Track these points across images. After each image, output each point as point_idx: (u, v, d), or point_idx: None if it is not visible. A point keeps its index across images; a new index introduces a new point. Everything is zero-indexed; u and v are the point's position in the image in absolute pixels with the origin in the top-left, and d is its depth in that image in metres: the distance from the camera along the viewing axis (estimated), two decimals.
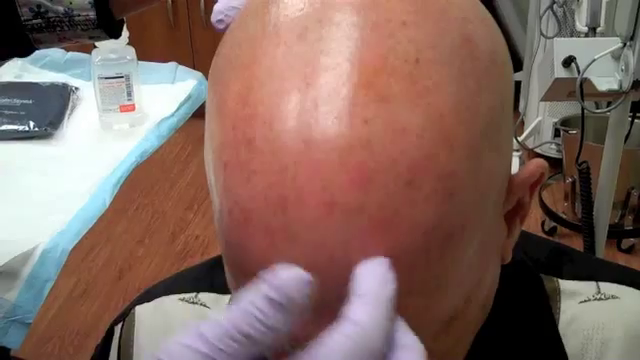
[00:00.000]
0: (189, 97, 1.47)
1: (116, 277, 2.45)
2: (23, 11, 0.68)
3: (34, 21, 0.69)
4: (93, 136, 1.37)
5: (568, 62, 1.23)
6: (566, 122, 2.51)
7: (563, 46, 1.25)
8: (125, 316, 0.69)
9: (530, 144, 2.75)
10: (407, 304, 0.40)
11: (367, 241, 0.37)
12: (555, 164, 2.62)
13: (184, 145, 3.08)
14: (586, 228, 1.37)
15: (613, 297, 0.58)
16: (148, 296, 0.69)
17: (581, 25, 2.16)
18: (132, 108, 1.38)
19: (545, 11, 2.50)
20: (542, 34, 2.54)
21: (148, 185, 2.86)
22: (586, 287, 0.59)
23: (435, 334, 0.44)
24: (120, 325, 0.69)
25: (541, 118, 2.76)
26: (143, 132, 1.32)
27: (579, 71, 1.22)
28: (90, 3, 0.68)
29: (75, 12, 0.68)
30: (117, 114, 1.38)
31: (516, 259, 0.53)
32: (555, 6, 2.45)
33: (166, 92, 1.51)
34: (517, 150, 2.70)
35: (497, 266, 0.50)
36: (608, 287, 0.59)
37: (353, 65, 0.38)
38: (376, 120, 0.37)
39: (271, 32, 0.41)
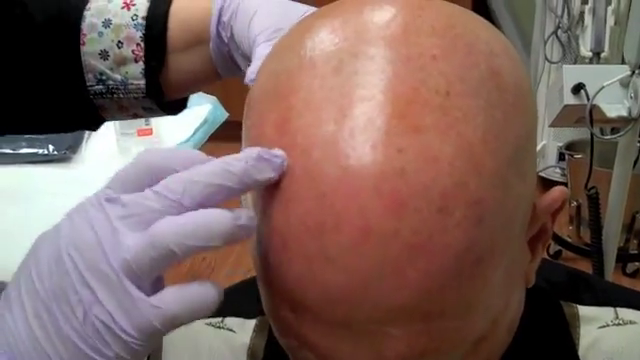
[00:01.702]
0: (205, 121, 1.49)
1: None
2: (88, 77, 0.72)
3: (96, 87, 0.73)
4: (111, 160, 1.40)
5: (577, 89, 1.25)
6: (570, 146, 2.53)
7: (572, 73, 1.28)
8: None
9: None
10: (439, 326, 0.42)
11: (401, 265, 0.39)
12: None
13: None
14: (595, 253, 1.39)
15: (631, 322, 0.60)
16: None
17: (585, 50, 2.20)
18: (149, 132, 1.41)
19: (549, 36, 2.54)
20: (547, 59, 2.58)
21: None
22: (604, 313, 0.61)
23: (464, 355, 0.45)
24: None
25: (546, 142, 2.79)
26: None
27: (588, 98, 1.24)
28: (141, 73, 0.72)
29: (129, 80, 0.72)
30: (134, 138, 1.41)
31: (537, 286, 0.55)
32: (559, 31, 2.49)
33: (182, 116, 1.52)
34: None
35: (522, 289, 0.51)
36: (626, 313, 0.60)
37: (387, 97, 0.40)
38: (409, 149, 0.39)
39: (307, 65, 0.43)
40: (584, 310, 0.61)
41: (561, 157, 2.72)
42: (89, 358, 0.40)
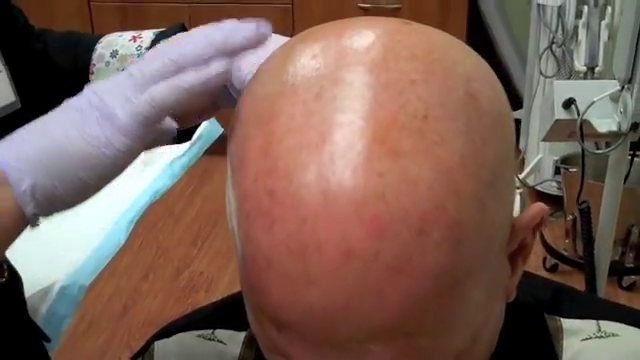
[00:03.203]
0: (200, 137, 1.50)
1: (121, 312, 2.46)
2: None
3: None
4: None
5: (568, 104, 1.27)
6: (566, 160, 2.54)
7: (563, 88, 1.29)
8: (145, 351, 0.72)
9: (531, 182, 2.78)
10: (420, 344, 0.43)
11: (382, 287, 0.40)
12: (556, 201, 2.65)
13: (188, 181, 3.10)
14: (587, 266, 1.40)
15: (613, 335, 0.61)
16: (167, 332, 0.71)
17: (580, 65, 2.21)
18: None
19: (544, 51, 2.55)
20: (541, 73, 2.59)
21: (152, 221, 2.88)
22: (587, 325, 0.61)
23: None
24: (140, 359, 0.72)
25: (542, 156, 2.80)
26: (156, 171, 1.36)
27: (579, 113, 1.26)
28: None
29: None
30: None
31: (521, 300, 0.56)
32: (554, 46, 2.51)
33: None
34: (518, 188, 2.73)
35: (502, 304, 0.52)
36: (608, 325, 0.61)
37: (367, 122, 0.41)
38: (389, 173, 0.40)
39: (289, 91, 0.44)
40: (567, 323, 0.62)
41: (557, 171, 2.73)
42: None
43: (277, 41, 0.61)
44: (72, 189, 0.55)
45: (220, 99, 0.73)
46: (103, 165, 0.54)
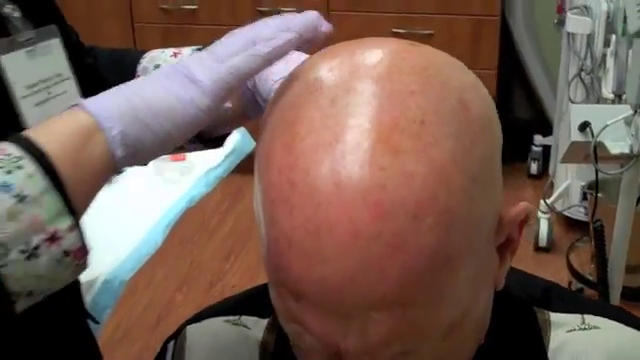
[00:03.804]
0: (234, 150, 1.59)
1: (154, 323, 2.52)
2: None
3: None
4: (147, 182, 1.50)
5: (583, 127, 1.33)
6: (593, 185, 2.56)
7: (579, 111, 1.35)
8: (178, 334, 0.79)
9: (559, 207, 2.82)
10: (415, 314, 0.50)
11: (383, 262, 0.48)
12: (583, 227, 2.67)
13: (222, 198, 3.19)
14: (600, 284, 1.44)
15: (595, 327, 0.67)
16: (198, 317, 0.79)
17: (607, 92, 2.26)
18: (182, 158, 1.51)
19: (573, 78, 2.60)
20: (570, 100, 2.64)
21: (188, 235, 2.95)
22: (573, 319, 0.68)
23: (436, 341, 0.53)
24: (173, 342, 0.80)
25: (570, 181, 2.83)
26: (192, 180, 1.45)
27: (593, 135, 1.31)
28: None
29: None
30: (169, 163, 1.51)
31: (514, 294, 0.63)
32: (583, 73, 2.55)
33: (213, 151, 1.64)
34: (545, 213, 2.77)
35: (490, 290, 0.59)
36: (592, 319, 0.68)
37: (373, 125, 0.49)
38: (390, 168, 0.48)
39: (309, 98, 0.52)
40: (555, 316, 0.68)
41: (585, 196, 2.75)
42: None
43: (298, 57, 0.70)
44: (157, 139, 0.62)
45: (249, 109, 0.82)
46: (185, 122, 0.62)
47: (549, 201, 2.68)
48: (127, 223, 1.29)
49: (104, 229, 1.30)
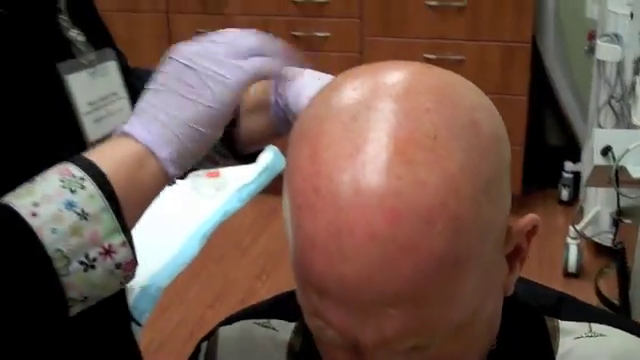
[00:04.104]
0: (266, 167, 1.65)
1: (187, 338, 2.54)
2: None
3: None
4: (184, 197, 1.56)
5: (606, 151, 1.36)
6: (622, 212, 2.57)
7: (601, 136, 1.38)
8: (210, 335, 0.85)
9: (588, 233, 2.82)
10: (427, 311, 0.55)
11: (397, 262, 0.53)
12: (612, 253, 2.68)
13: (255, 219, 3.23)
14: (621, 305, 1.46)
15: (601, 335, 0.71)
16: (229, 320, 0.84)
17: (637, 119, 2.28)
18: (217, 174, 1.58)
19: (603, 105, 2.62)
20: (600, 126, 2.65)
21: (220, 253, 3.00)
22: (580, 327, 0.72)
23: (447, 339, 0.58)
24: (206, 343, 0.85)
25: (599, 208, 2.83)
26: (226, 195, 1.51)
27: (615, 159, 1.34)
28: None
29: None
30: (204, 179, 1.58)
31: (526, 303, 0.68)
32: (613, 101, 2.57)
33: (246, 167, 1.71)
34: (575, 238, 2.78)
35: (500, 295, 0.64)
36: (599, 327, 0.72)
37: (390, 139, 0.54)
38: (405, 177, 0.53)
39: (333, 114, 0.58)
40: (563, 324, 0.72)
41: (614, 223, 2.75)
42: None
43: (327, 77, 0.76)
44: (197, 143, 0.73)
45: (281, 126, 0.87)
46: (216, 117, 0.73)
47: (579, 227, 2.69)
48: (165, 234, 1.35)
49: (144, 239, 1.37)
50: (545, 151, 3.45)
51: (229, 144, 0.91)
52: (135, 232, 0.72)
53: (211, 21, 3.33)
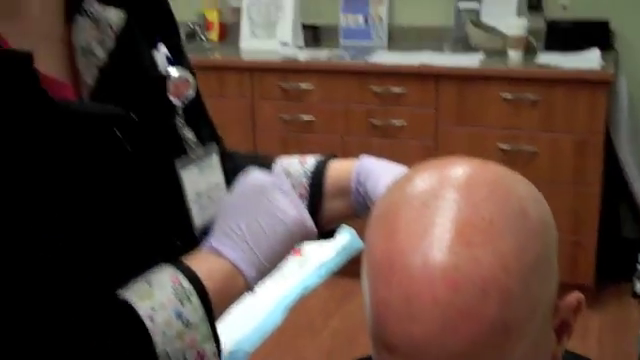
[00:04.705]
0: (344, 248, 1.75)
1: None
2: None
3: None
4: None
5: None
6: None
7: None
8: None
9: None
10: None
11: (456, 325, 0.63)
12: None
13: (329, 300, 3.30)
14: None
15: None
16: None
17: None
18: (299, 253, 1.69)
19: None
20: None
21: (294, 332, 3.04)
22: None
23: None
24: None
25: None
26: (307, 272, 1.62)
27: None
28: (305, 207, 1.01)
29: None
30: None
31: None
32: None
33: (324, 242, 1.81)
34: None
35: None
36: None
37: (452, 223, 0.65)
38: (464, 254, 0.64)
39: (407, 201, 0.69)
40: None
41: None
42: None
43: (401, 170, 0.87)
44: (278, 261, 0.91)
45: (359, 210, 0.99)
46: (297, 239, 0.94)
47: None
48: (251, 305, 1.46)
49: (232, 309, 1.48)
50: (619, 243, 3.44)
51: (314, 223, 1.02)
52: None
53: (293, 107, 3.49)
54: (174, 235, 0.87)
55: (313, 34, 3.89)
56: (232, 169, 1.07)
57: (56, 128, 0.74)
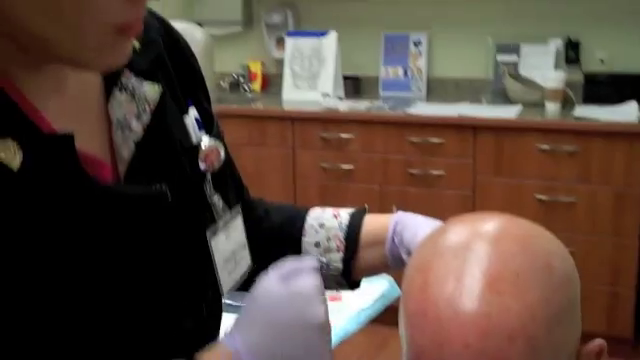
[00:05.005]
0: (382, 295, 1.80)
1: None
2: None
3: None
4: None
5: None
6: None
7: None
8: None
9: None
10: None
11: None
12: None
13: (366, 348, 3.30)
14: None
15: None
16: None
17: None
18: (339, 298, 1.74)
19: None
20: None
21: None
22: None
23: None
24: None
25: None
26: (345, 318, 1.67)
27: None
28: (341, 259, 1.08)
29: (332, 264, 1.08)
30: (329, 302, 1.73)
31: None
32: None
33: (364, 289, 1.85)
34: None
35: None
36: None
37: (483, 274, 0.71)
38: (493, 304, 0.69)
39: (438, 253, 0.74)
40: None
41: None
42: None
43: (435, 224, 0.92)
44: None
45: (393, 262, 1.04)
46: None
47: None
48: None
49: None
50: None
51: (346, 275, 1.08)
52: None
53: (333, 157, 3.56)
54: (203, 301, 0.88)
55: (354, 85, 3.98)
56: (264, 217, 1.11)
57: (95, 209, 0.75)
